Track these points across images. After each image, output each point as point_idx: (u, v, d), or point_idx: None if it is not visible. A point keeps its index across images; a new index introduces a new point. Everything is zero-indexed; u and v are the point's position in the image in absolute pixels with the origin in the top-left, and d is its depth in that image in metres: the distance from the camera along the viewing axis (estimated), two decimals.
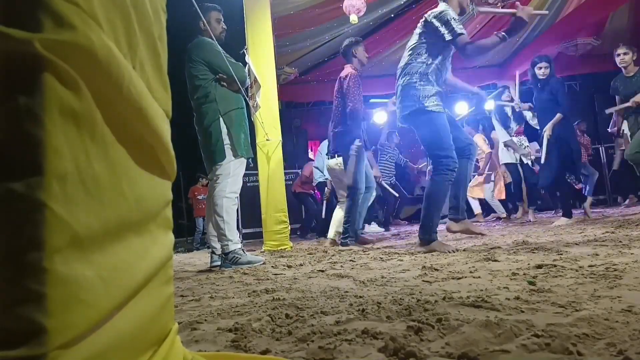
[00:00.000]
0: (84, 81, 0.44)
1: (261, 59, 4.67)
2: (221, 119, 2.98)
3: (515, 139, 5.35)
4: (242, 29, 4.81)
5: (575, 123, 6.31)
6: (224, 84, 3.05)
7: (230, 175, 2.99)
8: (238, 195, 3.08)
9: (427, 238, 2.86)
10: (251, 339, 1.03)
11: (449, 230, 3.29)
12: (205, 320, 1.27)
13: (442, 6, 2.94)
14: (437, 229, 2.91)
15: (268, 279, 2.18)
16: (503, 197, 6.12)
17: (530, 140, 5.47)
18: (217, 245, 3.16)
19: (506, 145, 5.38)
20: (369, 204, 4.50)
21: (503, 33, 2.76)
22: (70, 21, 0.40)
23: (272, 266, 2.77)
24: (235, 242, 2.94)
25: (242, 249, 3.00)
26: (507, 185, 6.05)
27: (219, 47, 3.06)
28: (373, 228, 6.39)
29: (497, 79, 8.48)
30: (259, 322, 1.19)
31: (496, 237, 3.43)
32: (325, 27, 6.88)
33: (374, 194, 4.76)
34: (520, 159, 5.36)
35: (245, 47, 4.69)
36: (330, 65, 8.20)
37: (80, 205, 0.43)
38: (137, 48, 0.59)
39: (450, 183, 2.89)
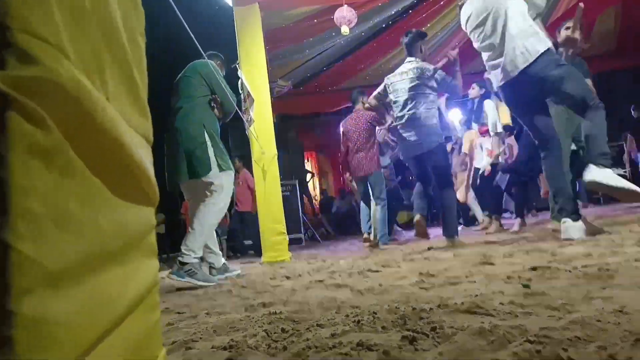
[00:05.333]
0: (52, 116, 0.44)
1: (254, 72, 4.70)
2: (206, 133, 2.98)
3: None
4: (234, 43, 4.84)
5: None
6: (214, 105, 3.10)
7: (223, 191, 3.00)
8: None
9: None
10: (246, 357, 1.02)
11: None
12: (201, 338, 1.27)
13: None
14: None
15: (266, 292, 2.17)
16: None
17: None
18: (215, 260, 3.15)
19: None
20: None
21: None
22: (35, 56, 0.41)
23: (271, 278, 2.77)
24: (197, 256, 2.89)
25: (200, 265, 2.93)
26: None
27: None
28: None
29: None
30: (254, 338, 1.18)
31: (493, 240, 3.44)
32: (317, 39, 6.92)
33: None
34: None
35: (237, 61, 4.71)
36: (323, 77, 8.25)
37: (52, 242, 0.43)
38: (110, 79, 0.60)
39: None
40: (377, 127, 4.73)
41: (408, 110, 3.57)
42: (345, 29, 5.45)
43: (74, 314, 0.46)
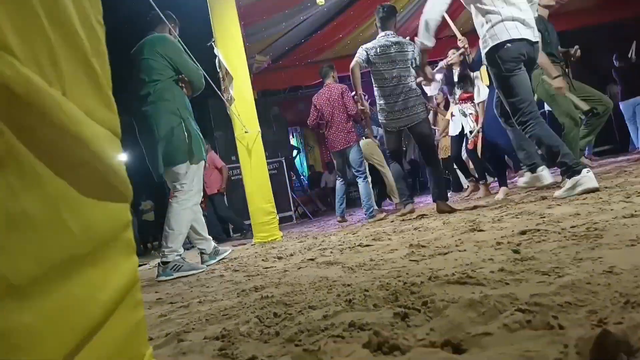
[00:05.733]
0: (1, 118, 0.41)
1: (231, 50, 4.59)
2: (181, 117, 2.88)
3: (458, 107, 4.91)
4: (208, 21, 4.70)
5: None
6: (182, 85, 2.96)
7: (195, 184, 2.94)
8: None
9: None
10: (238, 345, 1.01)
11: None
12: (193, 328, 1.26)
13: None
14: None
15: (258, 274, 2.17)
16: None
17: None
18: (205, 246, 3.12)
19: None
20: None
21: None
22: None
23: (263, 259, 2.76)
24: (179, 253, 2.85)
25: (183, 257, 2.91)
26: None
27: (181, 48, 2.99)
28: None
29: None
30: (247, 325, 1.17)
31: (482, 205, 3.46)
32: (292, 11, 6.76)
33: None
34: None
35: (213, 39, 4.59)
36: (302, 49, 8.10)
37: (11, 250, 0.40)
38: (65, 72, 0.56)
39: None
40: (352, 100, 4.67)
41: (398, 83, 3.61)
42: None
43: (43, 322, 0.44)
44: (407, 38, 3.89)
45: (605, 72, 7.01)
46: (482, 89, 4.51)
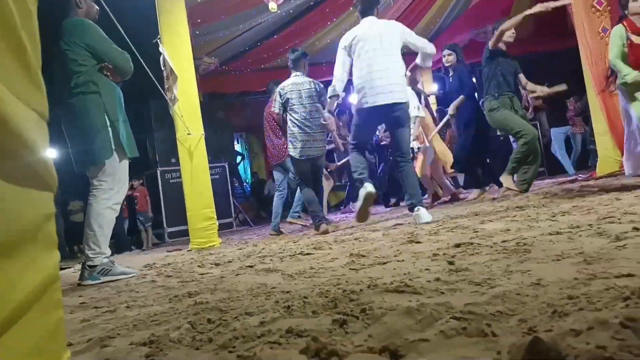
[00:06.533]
0: None
1: (177, 49, 4.44)
2: (107, 112, 2.70)
3: None
4: (154, 17, 4.53)
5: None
6: (108, 73, 2.78)
7: (117, 183, 2.76)
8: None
9: None
10: (167, 352, 0.96)
11: None
12: (119, 334, 1.18)
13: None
14: None
15: (193, 280, 2.08)
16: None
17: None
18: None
19: None
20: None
21: None
22: None
23: (199, 265, 2.67)
24: (106, 255, 2.69)
25: (112, 260, 2.74)
26: None
27: (102, 31, 2.77)
28: None
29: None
30: (177, 331, 1.11)
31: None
32: (244, 15, 6.69)
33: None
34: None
35: (159, 36, 4.42)
36: (253, 54, 8.03)
37: None
38: None
39: None
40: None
41: (309, 117, 3.98)
42: (273, 6, 5.33)
43: None
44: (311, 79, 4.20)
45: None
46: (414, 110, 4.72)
